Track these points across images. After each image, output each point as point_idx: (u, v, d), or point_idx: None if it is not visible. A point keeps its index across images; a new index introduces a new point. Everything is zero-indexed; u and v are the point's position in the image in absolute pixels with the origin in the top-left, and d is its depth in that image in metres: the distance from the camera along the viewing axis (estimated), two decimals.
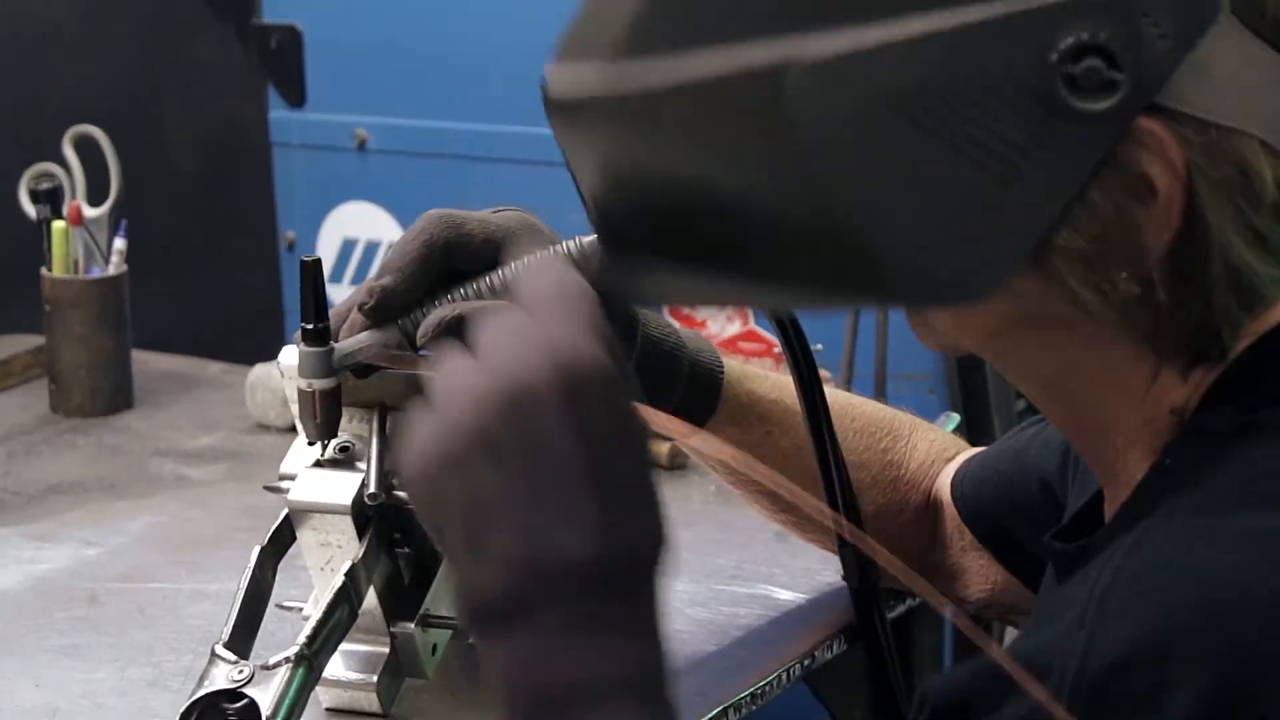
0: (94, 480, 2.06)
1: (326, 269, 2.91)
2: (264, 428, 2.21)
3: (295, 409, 1.38)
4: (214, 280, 3.10)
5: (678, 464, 2.04)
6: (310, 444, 1.41)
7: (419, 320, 1.34)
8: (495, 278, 1.36)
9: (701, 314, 2.59)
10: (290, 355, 1.40)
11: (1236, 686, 0.90)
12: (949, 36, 0.96)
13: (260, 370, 2.21)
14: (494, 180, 2.56)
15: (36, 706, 1.50)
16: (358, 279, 2.86)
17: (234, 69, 3.08)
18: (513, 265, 1.21)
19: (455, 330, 1.32)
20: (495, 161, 2.67)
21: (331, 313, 1.36)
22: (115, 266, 2.27)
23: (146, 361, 2.39)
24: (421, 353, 1.34)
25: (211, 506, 1.97)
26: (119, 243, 2.27)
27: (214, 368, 2.48)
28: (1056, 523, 1.25)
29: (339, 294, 2.86)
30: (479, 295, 1.36)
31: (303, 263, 1.34)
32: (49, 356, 2.28)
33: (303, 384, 1.36)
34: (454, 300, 1.36)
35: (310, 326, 1.35)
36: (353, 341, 1.35)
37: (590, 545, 0.95)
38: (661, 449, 2.04)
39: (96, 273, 2.27)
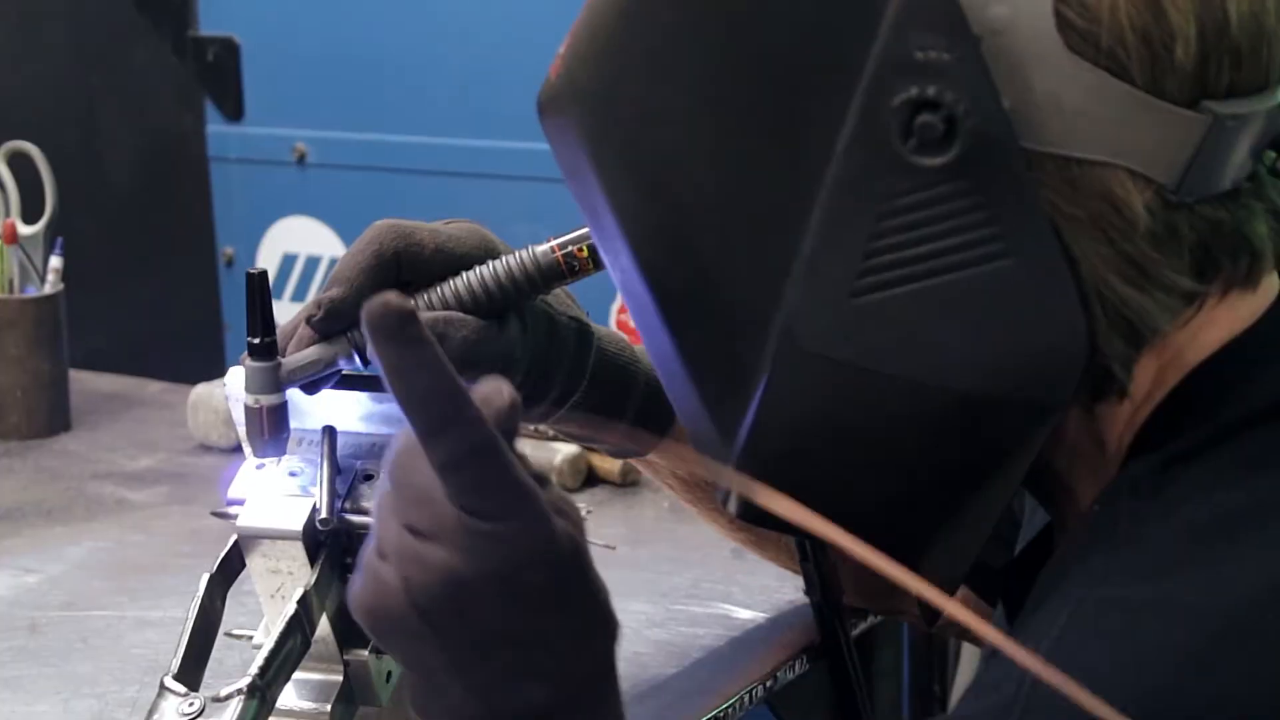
0: (32, 505, 2.00)
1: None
2: (206, 448, 2.16)
3: (242, 428, 1.34)
4: (152, 297, 3.06)
5: (630, 480, 2.01)
6: (258, 465, 1.36)
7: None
8: (447, 289, 1.33)
9: None
10: (237, 374, 1.35)
11: None
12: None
13: (202, 389, 2.17)
14: (436, 193, 2.52)
15: None
16: (299, 295, 2.81)
17: (171, 82, 3.03)
18: (402, 404, 1.02)
19: None
20: (437, 175, 2.63)
21: (279, 328, 1.33)
22: (51, 285, 2.22)
23: (84, 381, 2.34)
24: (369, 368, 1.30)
25: (154, 531, 1.92)
26: (55, 261, 2.22)
27: (153, 387, 2.43)
28: (1013, 536, 1.23)
29: (280, 310, 2.82)
30: (430, 307, 1.33)
31: (248, 275, 1.30)
32: None
33: (250, 400, 1.31)
34: None
35: (257, 341, 1.31)
36: (301, 356, 1.31)
37: (537, 692, 1.01)
38: (613, 466, 2.01)
39: (32, 291, 2.22)
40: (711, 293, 1.02)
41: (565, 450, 1.99)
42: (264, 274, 1.31)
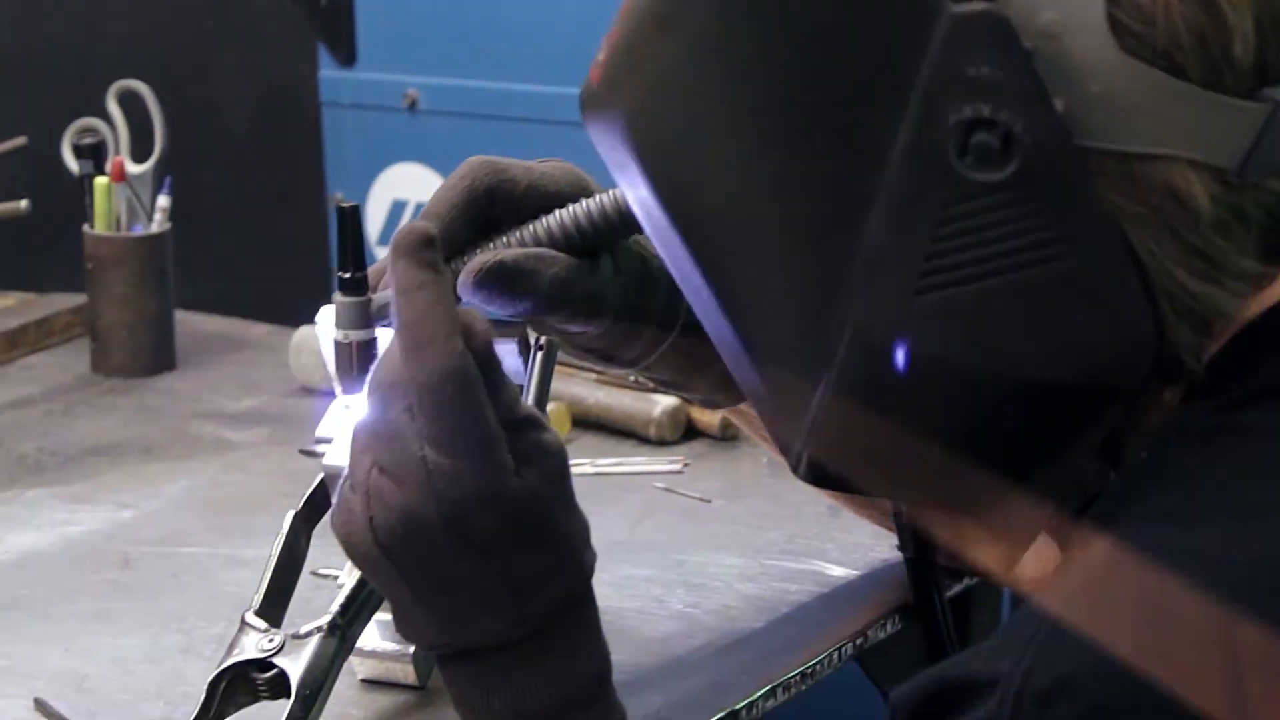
0: (132, 442, 2.01)
1: (375, 231, 2.89)
2: (308, 391, 2.15)
3: (331, 364, 1.33)
4: (260, 240, 3.06)
5: (729, 435, 1.99)
6: (347, 403, 1.35)
7: (459, 268, 1.29)
8: (539, 226, 1.31)
9: None
10: (328, 311, 1.35)
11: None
12: None
13: (305, 331, 2.16)
14: (546, 142, 2.47)
15: (65, 672, 1.46)
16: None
17: (285, 27, 3.03)
18: (397, 324, 1.15)
19: (496, 277, 1.27)
20: (548, 124, 2.61)
21: (372, 267, 1.32)
22: (159, 224, 2.23)
23: (189, 322, 2.34)
24: (461, 302, 1.29)
25: (251, 470, 1.92)
26: (163, 200, 2.23)
27: (258, 329, 2.43)
28: None
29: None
30: (521, 243, 1.31)
31: (340, 209, 1.30)
32: (90, 315, 2.24)
33: (339, 335, 1.31)
34: (495, 248, 1.31)
35: (348, 276, 1.30)
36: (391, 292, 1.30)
37: (494, 625, 1.13)
38: (713, 419, 1.99)
39: (139, 230, 2.22)
40: (771, 293, 1.03)
41: (665, 402, 1.98)
42: (356, 208, 1.31)
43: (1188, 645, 0.88)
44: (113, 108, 2.26)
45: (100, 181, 2.19)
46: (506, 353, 1.34)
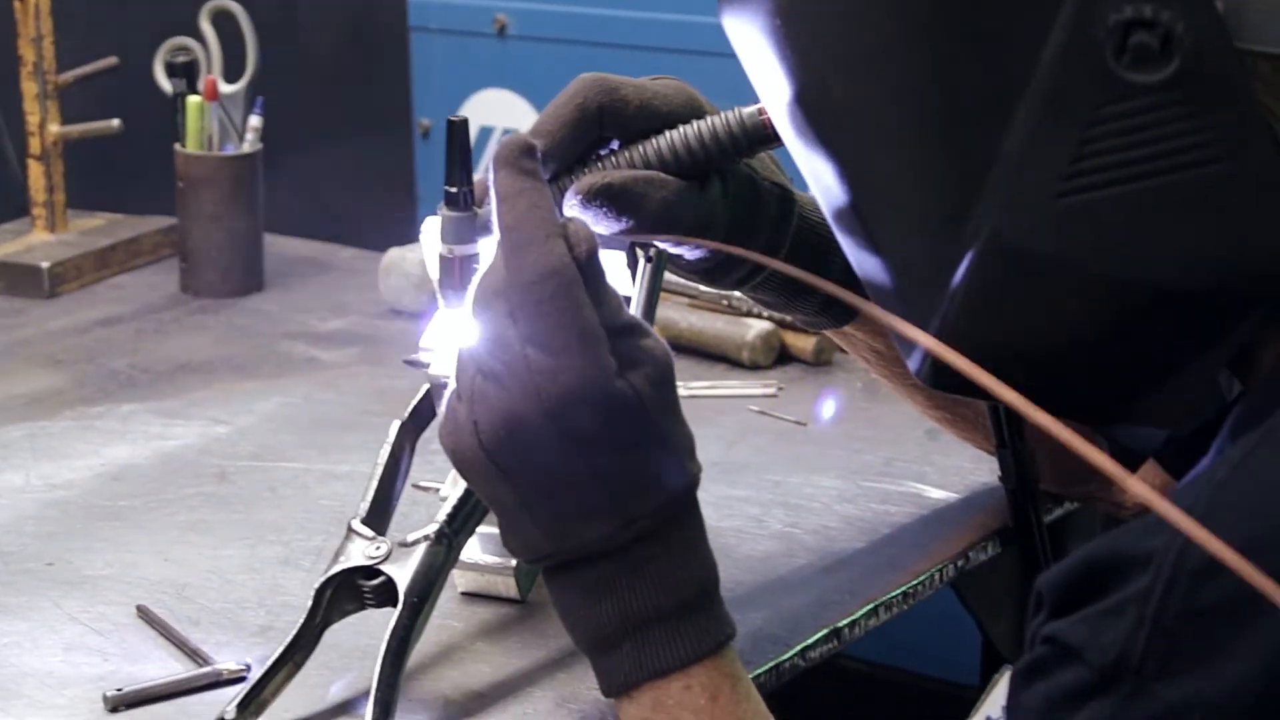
0: (223, 360, 2.01)
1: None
2: (397, 312, 2.15)
3: (435, 276, 1.33)
4: (346, 165, 3.05)
5: (823, 359, 1.98)
6: (450, 315, 1.35)
7: (567, 186, 1.28)
8: (649, 147, 1.30)
9: None
10: (432, 224, 1.34)
11: None
12: None
13: (394, 253, 2.16)
14: (637, 68, 2.44)
15: (165, 580, 1.46)
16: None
17: None
18: (498, 230, 1.16)
19: (604, 197, 1.26)
20: (638, 49, 2.60)
21: (477, 179, 1.31)
22: (250, 144, 2.22)
23: (276, 244, 2.34)
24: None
25: (343, 389, 1.92)
26: (254, 120, 2.22)
27: (345, 253, 2.43)
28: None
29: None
30: (630, 164, 1.30)
31: (450, 123, 1.28)
32: (180, 235, 2.24)
33: (444, 249, 1.30)
34: (604, 168, 1.30)
35: (454, 190, 1.29)
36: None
37: (600, 529, 1.12)
38: (807, 344, 1.98)
39: (230, 150, 2.22)
40: (908, 190, 1.02)
41: (758, 326, 1.96)
42: (465, 122, 1.29)
43: None
44: (205, 27, 2.26)
45: (193, 100, 2.19)
46: (615, 263, 1.34)
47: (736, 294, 1.98)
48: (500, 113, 2.80)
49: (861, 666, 2.63)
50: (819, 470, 1.68)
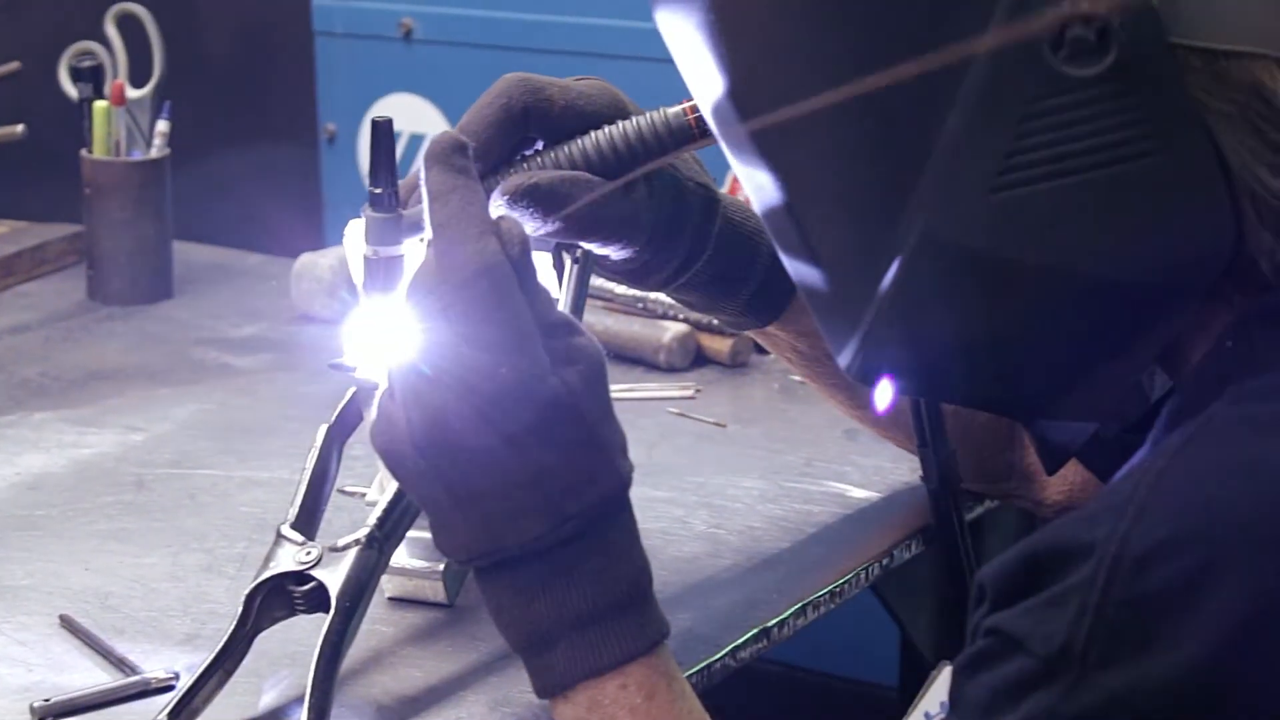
0: (136, 367, 1.99)
1: (367, 163, 2.84)
2: (309, 318, 2.14)
3: (359, 278, 1.32)
4: (252, 172, 3.03)
5: (739, 361, 1.98)
6: (376, 317, 1.34)
7: (492, 187, 1.28)
8: (574, 148, 1.30)
9: None
10: (356, 226, 1.33)
11: None
12: None
13: (306, 259, 2.15)
14: (547, 72, 2.46)
15: (87, 589, 1.44)
16: (401, 174, 2.77)
17: None
18: (431, 227, 1.15)
19: (530, 198, 1.26)
20: (546, 53, 2.59)
21: (401, 181, 1.30)
22: (158, 149, 2.20)
23: (183, 251, 2.32)
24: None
25: (259, 395, 1.91)
26: (162, 125, 2.20)
27: (253, 259, 2.41)
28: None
29: None
30: (556, 165, 1.30)
31: (374, 123, 1.28)
32: (88, 242, 2.21)
33: (369, 251, 1.29)
34: (530, 169, 1.30)
35: (379, 191, 1.29)
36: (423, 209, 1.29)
37: (533, 528, 1.11)
38: (722, 346, 1.98)
39: (138, 155, 2.19)
40: (841, 186, 1.02)
41: (674, 329, 1.97)
42: (389, 123, 1.29)
43: None
44: (111, 31, 2.23)
45: (100, 105, 2.17)
46: (541, 265, 1.33)
47: (652, 296, 2.00)
48: (407, 117, 2.79)
49: (778, 669, 2.63)
50: (740, 471, 1.69)
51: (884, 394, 1.05)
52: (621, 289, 1.99)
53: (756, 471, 1.69)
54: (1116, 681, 0.88)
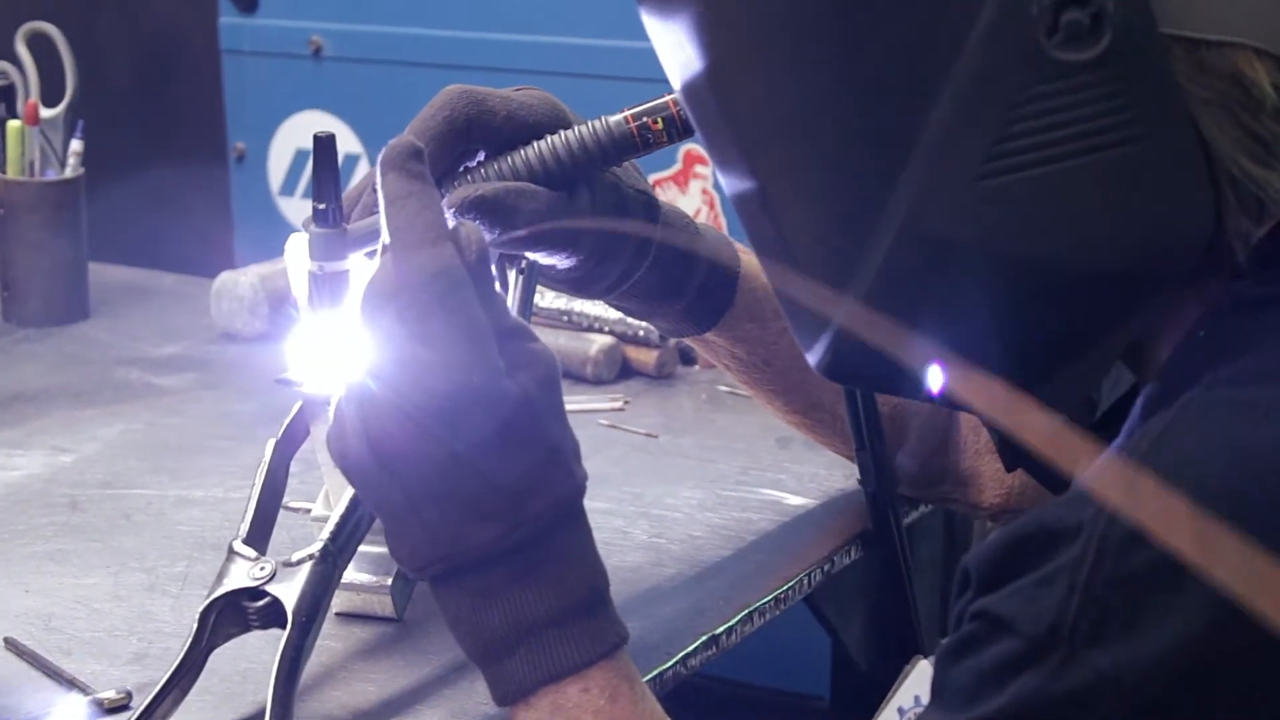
0: (59, 388, 1.97)
1: (277, 181, 2.85)
2: (230, 337, 2.13)
3: (302, 294, 1.31)
4: (162, 191, 3.00)
5: (666, 372, 1.99)
6: (320, 331, 1.33)
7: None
8: (517, 158, 1.31)
9: None
10: (298, 240, 1.33)
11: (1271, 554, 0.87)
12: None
13: (226, 277, 2.14)
14: None
15: (29, 611, 1.42)
16: (311, 192, 2.76)
17: None
18: (388, 232, 1.15)
19: (476, 209, 1.27)
20: (457, 69, 2.59)
21: (344, 193, 1.30)
22: (72, 169, 2.19)
23: (97, 271, 2.30)
24: None
25: (186, 415, 1.89)
26: (75, 144, 2.19)
27: (168, 278, 2.40)
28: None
29: (290, 207, 2.78)
30: (500, 176, 1.31)
31: (316, 138, 1.27)
32: (3, 263, 2.19)
33: (313, 266, 1.29)
34: (475, 180, 1.30)
35: (322, 206, 1.28)
36: (367, 223, 1.28)
37: (488, 531, 1.11)
38: (649, 358, 1.98)
39: (52, 175, 2.18)
40: (822, 178, 1.02)
41: (600, 341, 1.97)
42: (332, 138, 1.28)
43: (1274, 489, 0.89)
44: (21, 50, 2.21)
45: (13, 125, 2.15)
46: None
47: (577, 308, 2.00)
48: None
49: (705, 682, 2.63)
50: (677, 481, 1.69)
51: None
52: (546, 301, 1.99)
53: (692, 481, 1.69)
54: (1105, 660, 0.89)
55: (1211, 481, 0.90)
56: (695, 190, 2.43)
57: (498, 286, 1.33)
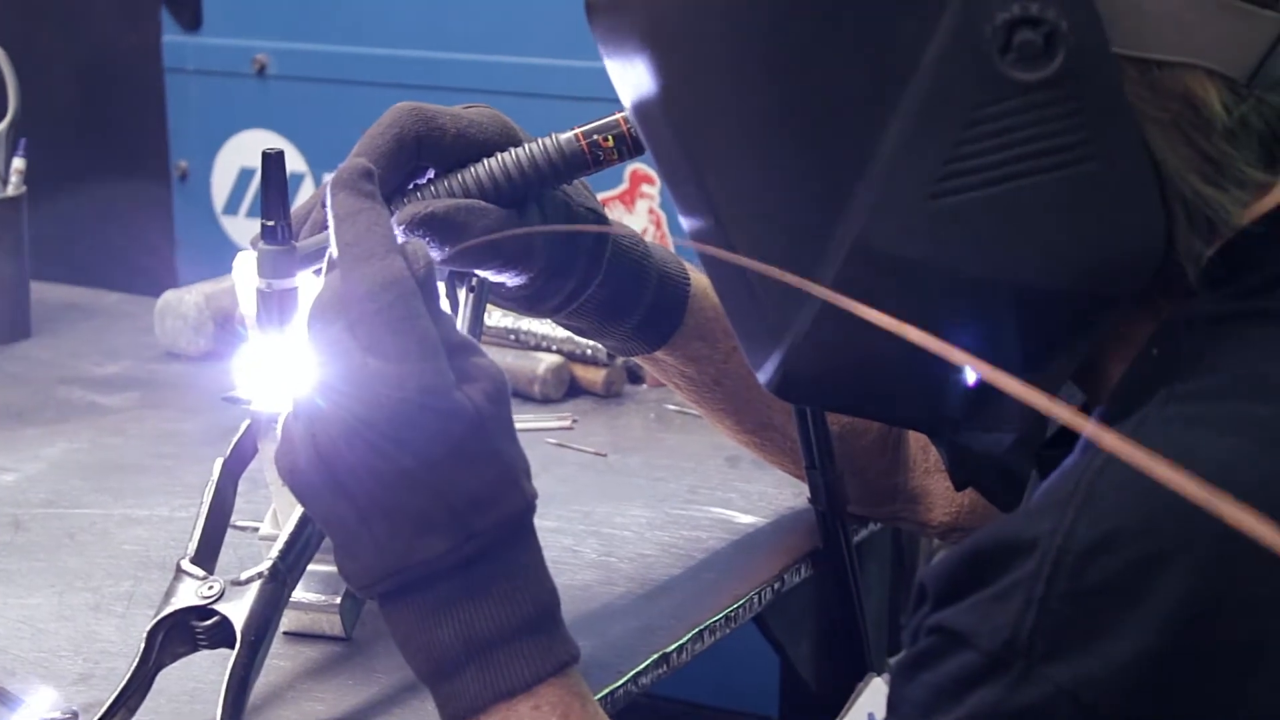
0: (0, 408, 1.95)
1: (221, 200, 2.83)
2: (174, 355, 2.12)
3: (250, 311, 1.31)
4: (104, 210, 2.98)
5: (613, 391, 1.98)
6: (268, 349, 1.32)
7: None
8: (468, 176, 1.30)
9: None
10: (246, 258, 1.32)
11: (1226, 569, 0.87)
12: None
13: (170, 296, 2.12)
14: None
15: None
16: (255, 211, 2.75)
17: None
18: (337, 247, 1.14)
19: (427, 227, 1.26)
20: (402, 88, 2.58)
21: (292, 209, 1.29)
22: (14, 187, 2.17)
23: (38, 290, 2.28)
24: None
25: (129, 434, 1.88)
26: (18, 162, 2.17)
27: (110, 297, 2.38)
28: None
29: (234, 226, 2.76)
30: (450, 193, 1.30)
31: (264, 155, 1.27)
32: None
33: (262, 284, 1.28)
34: (425, 198, 1.29)
35: (271, 223, 1.27)
36: (316, 240, 1.28)
37: (438, 544, 1.11)
38: (596, 377, 1.98)
39: None
40: (773, 195, 1.01)
41: (548, 360, 1.96)
42: (281, 155, 1.28)
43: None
44: None
45: None
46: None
47: (524, 327, 2.00)
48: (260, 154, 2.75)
49: (656, 702, 2.63)
50: (625, 500, 1.69)
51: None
52: (494, 320, 1.99)
53: (641, 500, 1.69)
54: (1063, 675, 0.89)
55: (1168, 493, 0.89)
56: (642, 209, 2.42)
57: (447, 305, 1.33)
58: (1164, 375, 0.98)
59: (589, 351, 1.97)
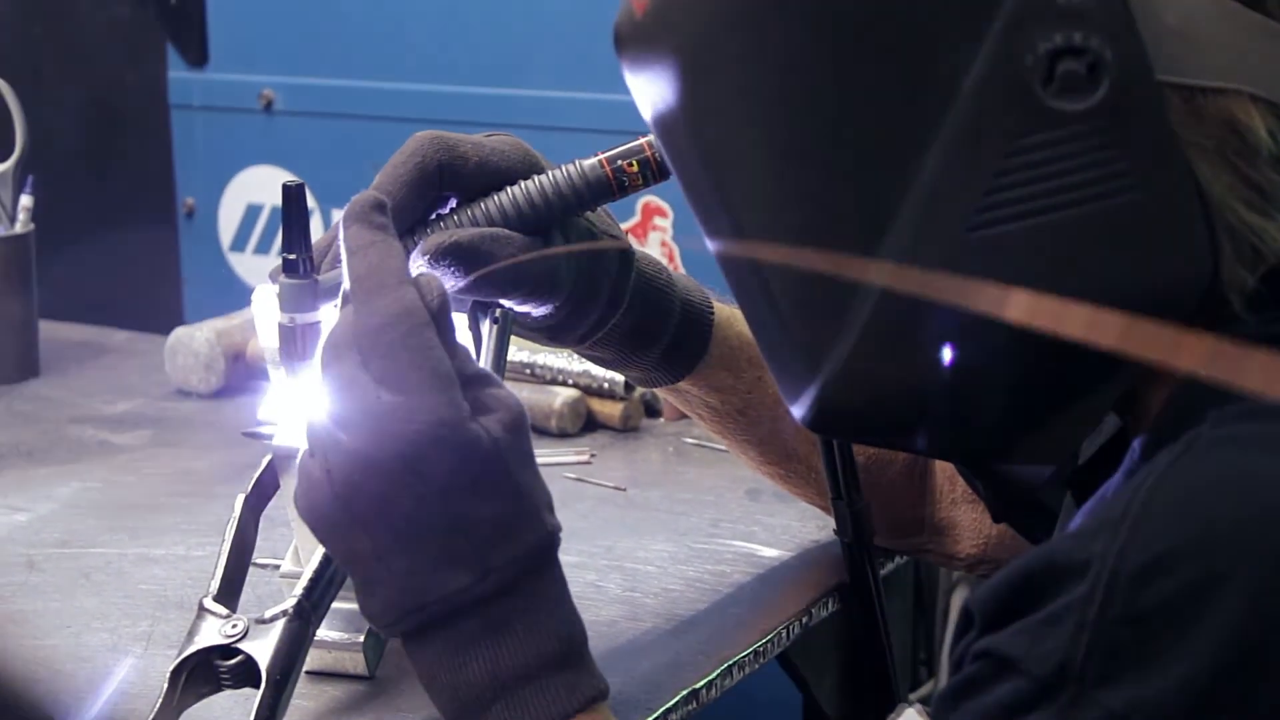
0: (10, 447, 1.93)
1: (228, 237, 2.81)
2: (184, 393, 2.09)
3: (273, 346, 1.29)
4: (110, 247, 2.96)
5: (631, 425, 1.96)
6: (291, 383, 1.30)
7: (411, 247, 1.26)
8: (491, 204, 1.28)
9: None
10: (266, 291, 1.30)
11: None
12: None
13: (181, 333, 2.10)
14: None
15: None
16: (263, 247, 2.73)
17: (129, 26, 2.94)
18: (349, 281, 1.13)
19: (452, 256, 1.24)
20: (409, 122, 2.55)
21: (315, 241, 1.28)
22: (22, 224, 2.15)
23: (46, 329, 2.26)
24: None
25: (143, 472, 1.85)
26: (25, 200, 2.15)
27: (119, 335, 2.37)
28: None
29: (241, 263, 2.74)
30: (474, 222, 1.28)
31: (285, 188, 1.25)
32: None
33: (284, 318, 1.26)
34: (449, 228, 1.28)
35: (293, 257, 1.26)
36: (337, 274, 1.26)
37: (459, 580, 1.09)
38: (614, 411, 1.96)
39: (2, 231, 2.14)
40: (810, 224, 0.99)
41: (565, 394, 1.94)
42: (302, 187, 1.26)
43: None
44: None
45: None
46: (459, 325, 1.31)
47: (540, 361, 1.98)
48: (269, 189, 2.74)
49: None
50: (648, 534, 1.66)
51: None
52: (510, 355, 1.96)
53: (663, 534, 1.67)
54: (1116, 700, 0.86)
55: (1223, 512, 0.88)
56: (654, 242, 2.40)
57: (468, 339, 1.31)
58: (1211, 398, 0.96)
59: (606, 385, 1.95)
